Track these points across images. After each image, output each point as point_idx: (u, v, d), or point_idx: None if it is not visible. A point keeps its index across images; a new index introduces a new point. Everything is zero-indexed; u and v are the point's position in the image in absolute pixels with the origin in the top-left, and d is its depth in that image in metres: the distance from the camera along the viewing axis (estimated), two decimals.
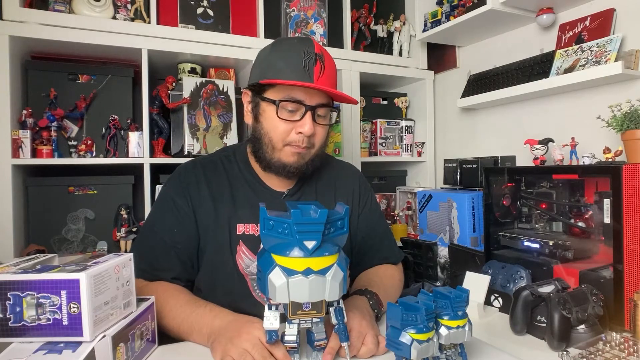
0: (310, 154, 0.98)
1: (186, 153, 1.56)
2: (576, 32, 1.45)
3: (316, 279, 0.64)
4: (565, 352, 0.79)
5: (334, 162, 1.19)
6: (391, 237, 1.20)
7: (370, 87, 2.18)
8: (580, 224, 1.15)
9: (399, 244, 1.80)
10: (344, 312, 0.72)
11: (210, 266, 0.98)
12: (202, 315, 0.85)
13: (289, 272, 0.64)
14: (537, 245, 1.17)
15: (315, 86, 0.91)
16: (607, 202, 1.00)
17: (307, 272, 0.64)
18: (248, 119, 1.02)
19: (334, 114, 1.01)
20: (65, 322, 0.65)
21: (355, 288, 0.98)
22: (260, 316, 0.73)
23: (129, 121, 1.54)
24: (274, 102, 0.93)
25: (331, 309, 0.71)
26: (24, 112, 1.38)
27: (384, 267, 1.13)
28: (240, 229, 0.99)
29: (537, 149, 1.29)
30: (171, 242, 0.97)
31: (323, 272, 0.65)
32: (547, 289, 0.95)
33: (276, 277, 0.65)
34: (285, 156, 0.96)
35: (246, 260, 0.98)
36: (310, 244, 0.64)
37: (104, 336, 0.67)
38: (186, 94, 1.58)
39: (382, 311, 0.93)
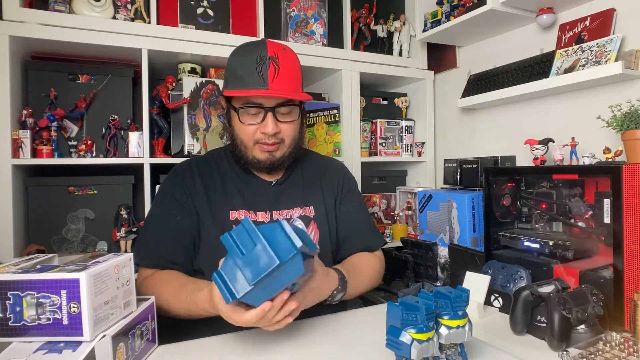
0: (282, 149, 1.08)
1: (186, 153, 1.56)
2: (576, 32, 1.45)
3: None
4: (565, 352, 0.79)
5: (320, 157, 1.32)
6: (372, 225, 1.27)
7: (370, 87, 2.18)
8: (580, 224, 1.15)
9: (399, 244, 1.80)
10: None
11: (207, 250, 1.05)
12: (194, 301, 0.88)
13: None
14: (537, 245, 1.17)
15: (268, 93, 0.99)
16: (607, 202, 1.00)
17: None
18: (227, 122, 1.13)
19: (299, 110, 1.09)
20: (65, 322, 0.65)
21: (338, 266, 1.04)
22: None
23: (129, 121, 1.54)
24: (235, 109, 1.05)
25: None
26: (24, 112, 1.38)
27: (366, 257, 1.18)
28: (233, 215, 1.07)
29: (537, 149, 1.29)
30: (174, 229, 1.05)
31: None
32: (547, 289, 0.95)
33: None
34: (257, 153, 1.07)
35: None
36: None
37: (104, 336, 0.67)
38: (186, 94, 1.58)
39: (340, 298, 0.98)
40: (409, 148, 2.09)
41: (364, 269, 1.14)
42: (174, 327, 0.96)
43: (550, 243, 1.14)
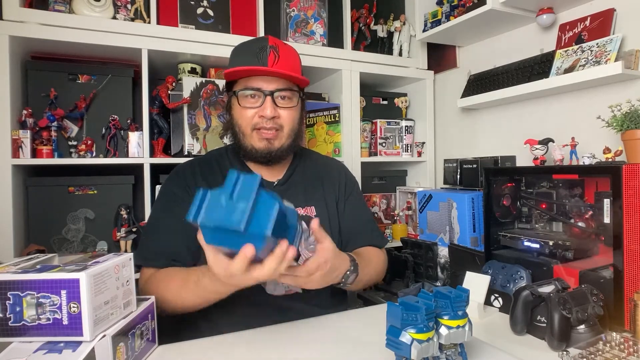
0: (280, 137, 1.07)
1: (186, 153, 1.57)
2: (576, 32, 1.45)
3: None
4: (565, 352, 0.79)
5: (320, 157, 1.33)
6: (375, 224, 1.29)
7: (370, 87, 2.18)
8: (580, 224, 1.15)
9: (399, 244, 1.80)
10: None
11: None
12: (203, 287, 0.87)
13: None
14: (537, 245, 1.17)
15: (268, 69, 1.01)
16: (607, 202, 1.00)
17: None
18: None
19: (298, 97, 1.10)
20: (65, 322, 0.65)
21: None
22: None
23: (129, 121, 1.54)
24: (235, 93, 1.06)
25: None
26: (24, 112, 1.38)
27: (372, 249, 1.20)
28: None
29: (537, 149, 1.29)
30: (177, 229, 1.03)
31: None
32: (547, 289, 0.95)
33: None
34: (255, 142, 1.06)
35: None
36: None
37: (104, 336, 0.67)
38: (186, 94, 1.58)
39: (353, 280, 0.97)
40: (409, 148, 2.09)
41: (371, 257, 1.15)
42: (174, 327, 0.96)
43: (550, 243, 1.14)
